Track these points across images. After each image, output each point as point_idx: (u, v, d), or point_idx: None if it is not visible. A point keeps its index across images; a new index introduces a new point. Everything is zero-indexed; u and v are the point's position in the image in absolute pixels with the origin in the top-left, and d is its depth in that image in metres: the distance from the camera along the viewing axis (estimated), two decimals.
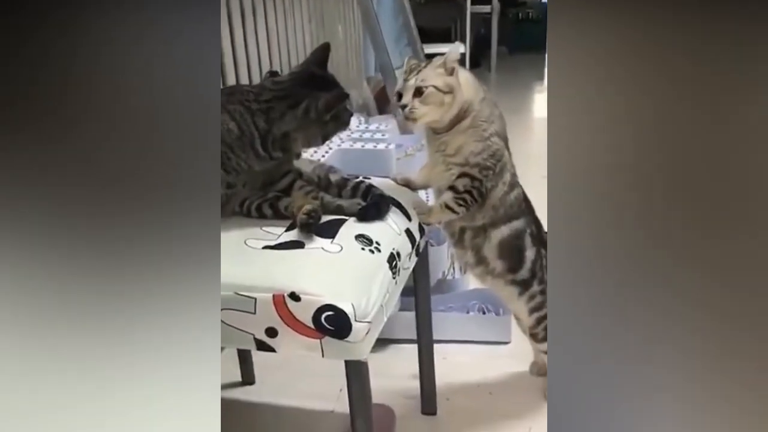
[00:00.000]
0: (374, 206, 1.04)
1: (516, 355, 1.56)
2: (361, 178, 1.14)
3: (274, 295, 0.87)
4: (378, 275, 0.95)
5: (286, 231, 0.99)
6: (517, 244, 1.19)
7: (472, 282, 1.76)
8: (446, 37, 4.36)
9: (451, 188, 1.15)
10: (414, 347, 1.37)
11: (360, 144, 1.67)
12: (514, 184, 1.18)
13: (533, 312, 1.26)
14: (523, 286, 1.22)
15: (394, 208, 1.09)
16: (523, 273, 1.21)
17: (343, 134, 1.80)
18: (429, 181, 1.21)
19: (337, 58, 2.83)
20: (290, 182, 1.07)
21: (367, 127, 1.82)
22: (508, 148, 1.17)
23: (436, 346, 1.37)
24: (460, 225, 1.19)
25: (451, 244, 1.24)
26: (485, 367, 1.55)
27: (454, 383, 1.49)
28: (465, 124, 1.12)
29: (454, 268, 1.80)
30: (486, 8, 4.37)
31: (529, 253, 1.20)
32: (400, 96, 1.12)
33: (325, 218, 1.03)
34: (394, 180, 1.22)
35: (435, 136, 1.14)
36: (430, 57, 1.18)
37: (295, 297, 0.86)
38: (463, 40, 4.21)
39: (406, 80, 1.11)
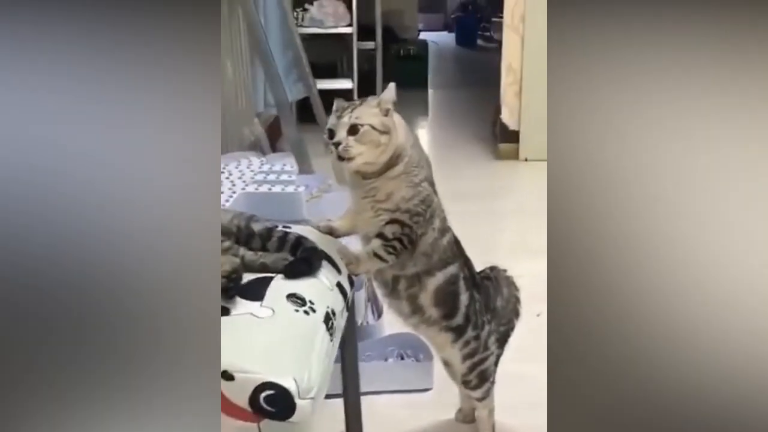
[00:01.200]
0: (304, 261, 0.94)
1: (439, 402, 1.50)
2: (287, 228, 1.04)
3: None
4: (316, 340, 0.86)
5: None
6: (452, 289, 1.14)
7: (387, 327, 1.69)
8: (332, 72, 4.34)
9: (380, 235, 1.08)
10: (337, 401, 1.27)
11: (266, 187, 1.56)
12: (446, 229, 1.14)
13: (467, 359, 1.21)
14: (458, 332, 1.17)
15: (324, 262, 0.99)
16: (458, 319, 1.16)
17: (246, 176, 1.68)
18: (354, 228, 1.14)
19: (227, 94, 2.69)
20: None
21: (271, 168, 1.71)
22: (436, 193, 1.12)
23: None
24: (393, 274, 1.12)
25: (384, 294, 1.16)
26: (410, 417, 1.48)
27: None
28: (398, 170, 1.06)
29: (370, 313, 1.72)
30: (370, 44, 4.41)
31: (463, 298, 1.16)
32: (331, 134, 1.04)
33: (248, 275, 0.92)
34: (317, 228, 1.13)
35: (363, 181, 1.07)
36: (321, 93, 1.12)
37: (227, 376, 0.74)
38: (350, 76, 4.21)
39: (339, 117, 1.04)
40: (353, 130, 1.02)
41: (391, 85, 1.08)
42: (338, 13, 3.93)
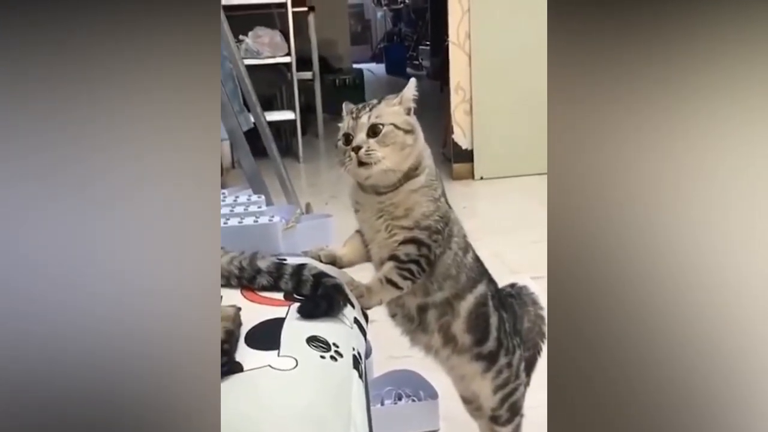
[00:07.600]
0: (325, 299, 0.77)
1: None
2: (302, 261, 0.87)
3: None
4: (353, 391, 0.69)
5: None
6: (483, 311, 1.00)
7: (377, 366, 1.53)
8: (270, 104, 4.18)
9: (393, 258, 0.93)
10: None
11: (235, 220, 1.37)
12: (467, 246, 1.00)
13: (498, 390, 1.06)
14: (490, 360, 1.03)
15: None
16: (490, 344, 1.02)
17: None
18: (360, 255, 0.98)
19: None
20: None
21: (236, 200, 1.52)
22: (451, 208, 0.99)
23: None
24: (418, 303, 0.97)
25: (408, 330, 1.00)
26: None
27: None
28: (419, 182, 0.92)
29: None
30: (308, 74, 4.29)
31: (494, 320, 1.02)
32: (347, 139, 0.89)
33: (251, 321, 0.74)
34: (317, 258, 0.97)
35: (378, 197, 0.92)
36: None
37: None
38: (290, 107, 4.06)
39: (356, 118, 0.89)
40: (374, 130, 0.88)
41: (412, 81, 0.94)
42: (274, 42, 3.78)
